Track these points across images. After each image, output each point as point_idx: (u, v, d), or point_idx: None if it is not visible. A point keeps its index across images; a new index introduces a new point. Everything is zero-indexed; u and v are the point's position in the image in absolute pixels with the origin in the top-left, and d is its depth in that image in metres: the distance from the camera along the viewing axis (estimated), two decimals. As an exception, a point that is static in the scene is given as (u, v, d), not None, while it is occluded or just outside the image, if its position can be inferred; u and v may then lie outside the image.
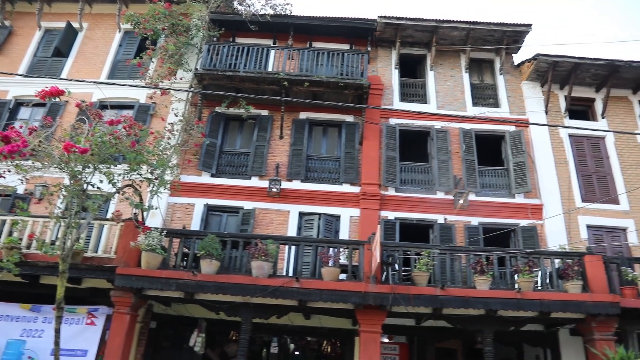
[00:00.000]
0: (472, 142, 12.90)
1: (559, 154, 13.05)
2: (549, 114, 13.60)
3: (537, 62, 13.36)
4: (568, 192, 12.50)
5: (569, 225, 12.07)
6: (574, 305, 8.98)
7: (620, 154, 13.32)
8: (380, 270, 9.09)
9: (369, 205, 11.82)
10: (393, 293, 8.69)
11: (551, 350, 11.05)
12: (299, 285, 8.77)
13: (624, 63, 13.08)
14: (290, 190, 12.03)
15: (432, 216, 11.95)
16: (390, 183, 12.22)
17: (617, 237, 12.28)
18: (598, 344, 9.03)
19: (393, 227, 11.69)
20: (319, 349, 13.85)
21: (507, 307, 8.87)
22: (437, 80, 13.91)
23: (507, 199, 12.38)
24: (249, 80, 12.38)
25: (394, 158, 12.51)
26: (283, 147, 12.73)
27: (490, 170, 12.88)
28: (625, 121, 13.88)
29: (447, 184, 12.29)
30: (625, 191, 12.72)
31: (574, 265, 9.31)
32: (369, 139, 12.62)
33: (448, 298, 8.81)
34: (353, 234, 11.61)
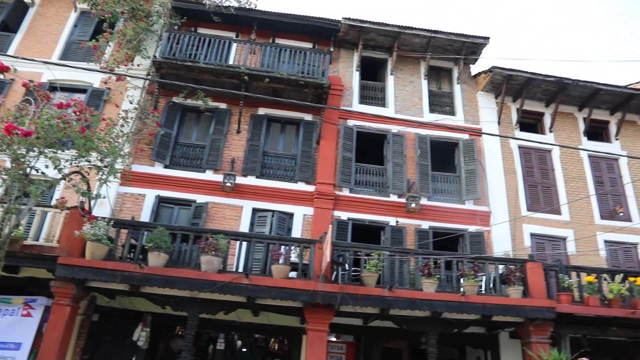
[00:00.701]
0: (427, 147, 13.18)
1: (509, 164, 13.54)
2: (501, 124, 14.09)
3: (492, 74, 13.80)
4: (515, 201, 12.99)
5: (514, 232, 12.54)
6: (514, 309, 9.36)
7: (564, 167, 13.95)
8: (330, 269, 9.16)
9: (323, 205, 11.87)
10: (342, 292, 8.78)
11: (491, 352, 11.46)
12: (248, 281, 8.71)
13: (571, 81, 13.70)
14: (245, 185, 11.92)
15: (385, 218, 12.14)
16: (345, 184, 12.31)
17: (557, 245, 12.86)
18: (534, 346, 9.45)
19: (345, 228, 11.79)
20: (266, 346, 13.83)
21: (451, 309, 9.15)
22: (396, 85, 14.13)
23: (457, 204, 12.72)
24: (208, 72, 12.17)
25: (350, 159, 12.62)
26: (240, 142, 12.59)
27: (443, 176, 13.20)
28: (571, 136, 14.55)
29: (400, 187, 12.50)
30: (567, 202, 13.34)
31: (516, 271, 9.70)
32: (327, 139, 12.67)
33: (395, 299, 8.98)
34: (306, 232, 11.63)
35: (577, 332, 10.33)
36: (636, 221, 13.71)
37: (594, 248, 12.96)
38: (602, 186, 14.08)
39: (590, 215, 13.43)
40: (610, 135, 15.02)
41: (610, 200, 13.95)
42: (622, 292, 10.02)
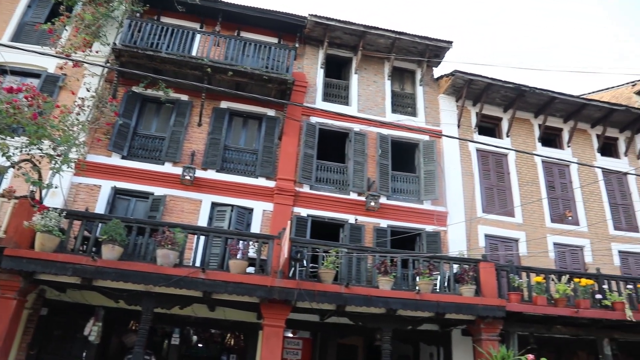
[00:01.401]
0: (388, 147, 13.35)
1: (467, 166, 13.89)
2: (461, 127, 14.43)
3: (454, 78, 14.10)
4: (471, 202, 13.34)
5: (469, 233, 12.88)
6: (467, 307, 9.62)
7: (519, 171, 14.43)
8: (288, 265, 9.17)
9: (283, 201, 11.85)
10: (299, 289, 8.80)
11: (444, 348, 11.75)
12: (204, 276, 8.61)
13: (529, 88, 14.16)
14: (205, 179, 11.76)
15: (344, 216, 12.23)
16: (306, 180, 12.33)
17: (510, 246, 13.30)
18: (484, 343, 9.74)
19: (305, 224, 11.82)
20: (222, 341, 13.70)
21: (406, 307, 9.31)
22: (360, 84, 14.24)
23: (415, 204, 12.96)
24: (170, 63, 11.91)
25: (312, 156, 12.64)
26: (200, 135, 12.41)
27: (403, 176, 13.41)
28: (526, 141, 15.06)
29: (360, 185, 12.62)
30: (520, 206, 13.80)
31: (470, 270, 9.98)
32: (289, 135, 12.65)
33: (352, 296, 9.08)
34: (265, 228, 11.58)
35: (524, 330, 10.73)
36: (583, 225, 14.34)
37: (544, 250, 13.47)
38: (553, 191, 14.65)
39: (542, 219, 13.95)
40: (563, 142, 15.62)
41: (560, 205, 14.53)
42: (567, 292, 10.46)
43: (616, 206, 15.22)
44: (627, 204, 15.44)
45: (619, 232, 14.77)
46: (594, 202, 14.88)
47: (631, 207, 15.44)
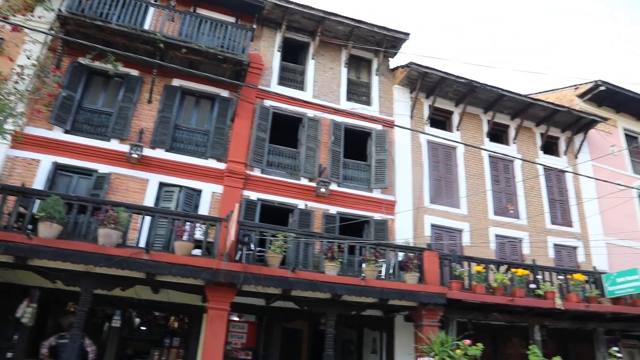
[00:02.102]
0: (341, 134, 13.42)
1: (417, 157, 14.17)
2: (413, 119, 14.68)
3: (409, 70, 14.29)
4: (420, 193, 13.65)
5: (416, 222, 13.20)
6: (410, 294, 9.88)
7: (466, 165, 14.87)
8: (235, 248, 9.09)
9: (233, 184, 11.70)
10: (245, 272, 8.76)
11: (387, 334, 12.06)
12: (148, 257, 8.39)
13: (480, 84, 14.56)
14: (153, 158, 11.42)
15: (294, 201, 12.23)
16: (257, 164, 12.21)
17: (454, 237, 13.74)
18: (425, 329, 10.07)
19: (254, 208, 11.74)
20: (165, 324, 13.49)
21: (351, 292, 9.45)
22: (316, 70, 14.18)
23: (365, 192, 13.12)
24: (121, 35, 11.39)
25: (264, 139, 12.52)
26: (150, 113, 12.01)
27: (354, 164, 13.53)
28: (475, 136, 15.52)
29: (312, 171, 12.64)
30: (466, 196, 14.25)
31: (414, 258, 10.25)
32: (242, 117, 12.46)
33: (298, 281, 9.12)
34: (214, 210, 11.41)
35: (463, 317, 11.16)
36: (523, 218, 15.00)
37: (486, 241, 14.01)
38: (498, 185, 15.21)
39: (485, 211, 14.48)
40: (509, 139, 16.22)
41: (503, 198, 15.12)
42: (504, 281, 10.95)
43: (554, 202, 16.01)
44: (564, 200, 16.27)
45: (554, 226, 15.56)
46: (534, 197, 15.58)
47: (567, 203, 16.28)
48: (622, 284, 12.04)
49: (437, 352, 9.32)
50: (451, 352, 9.33)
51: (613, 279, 12.30)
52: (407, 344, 11.21)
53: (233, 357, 11.82)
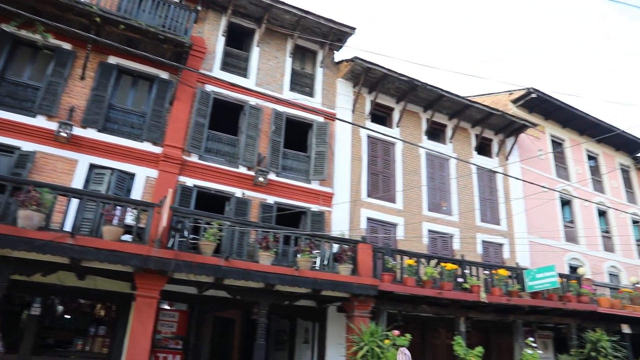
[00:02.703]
0: (282, 124, 13.35)
1: (356, 151, 14.37)
2: (355, 113, 14.85)
3: (353, 64, 14.41)
4: (357, 186, 13.86)
5: (352, 215, 13.39)
6: (343, 285, 10.02)
7: (404, 161, 15.25)
8: (167, 235, 8.84)
9: (169, 169, 11.35)
10: (176, 259, 8.53)
11: (319, 324, 12.19)
12: (73, 241, 7.96)
13: (421, 83, 14.93)
14: (84, 138, 10.85)
15: (231, 189, 12.05)
16: (195, 149, 11.91)
17: (389, 230, 14.07)
18: (357, 320, 10.26)
19: (190, 194, 11.46)
20: (91, 312, 12.92)
21: (284, 282, 9.44)
22: (261, 58, 14.00)
23: (304, 183, 13.15)
24: (52, 4, 10.60)
25: (203, 125, 12.22)
26: (83, 90, 11.38)
27: (294, 155, 13.52)
28: (414, 133, 15.93)
29: (251, 160, 12.50)
30: (402, 193, 14.61)
31: (349, 250, 10.39)
32: (181, 101, 12.09)
33: (231, 269, 9.00)
34: (147, 195, 11.03)
35: (394, 308, 11.47)
36: (455, 215, 15.59)
37: (419, 235, 14.45)
38: (433, 182, 15.71)
39: (420, 207, 14.93)
40: (446, 138, 16.78)
41: (437, 195, 15.64)
42: (434, 275, 11.35)
43: (484, 200, 16.75)
44: (493, 200, 17.08)
45: (484, 223, 16.31)
46: (466, 195, 16.24)
47: (496, 202, 17.10)
48: (541, 280, 12.82)
49: (367, 342, 9.52)
50: (380, 342, 9.56)
51: (533, 274, 13.06)
52: (338, 334, 11.39)
53: (162, 347, 11.52)
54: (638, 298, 16.09)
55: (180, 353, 11.64)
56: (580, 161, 21.13)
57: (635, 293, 16.22)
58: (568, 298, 13.66)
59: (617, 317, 15.03)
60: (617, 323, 15.22)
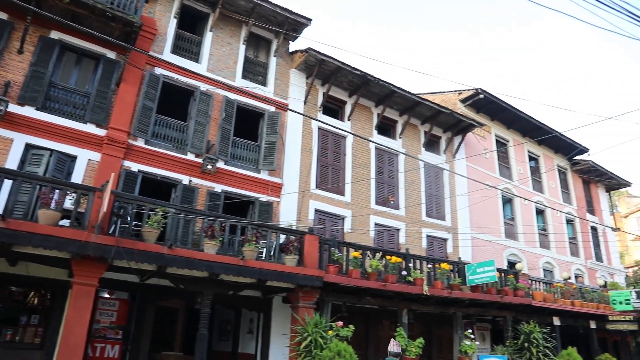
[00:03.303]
0: (233, 112, 13.13)
1: (307, 143, 14.36)
2: (307, 104, 14.83)
3: (307, 55, 14.36)
4: (306, 178, 13.87)
5: (301, 206, 13.40)
6: (288, 276, 10.01)
7: (354, 154, 15.40)
8: (108, 221, 8.53)
9: (113, 152, 10.92)
10: (117, 246, 8.24)
11: (264, 314, 12.17)
12: (4, 225, 7.52)
13: (374, 78, 15.08)
14: (20, 116, 10.23)
15: (178, 176, 11.76)
16: (141, 134, 11.52)
17: (336, 223, 14.18)
18: (301, 310, 10.29)
19: (135, 180, 11.09)
20: (24, 300, 12.32)
21: (229, 272, 9.31)
22: (213, 43, 13.68)
23: (253, 173, 13.02)
24: (-13, -29, 10.01)
25: (151, 109, 11.83)
26: (21, 65, 10.72)
27: (244, 143, 13.35)
28: (365, 127, 16.10)
29: (199, 147, 12.23)
30: (351, 186, 14.76)
31: (295, 241, 10.39)
32: (128, 83, 11.64)
33: (174, 258, 8.78)
34: (89, 179, 10.58)
35: (339, 300, 11.59)
36: (402, 210, 15.92)
37: (366, 228, 14.66)
38: (381, 176, 15.96)
39: (368, 200, 15.13)
40: (396, 133, 17.07)
41: (385, 189, 15.90)
42: (379, 267, 11.55)
43: (430, 196, 17.20)
44: (439, 196, 17.56)
45: (429, 218, 16.75)
46: (413, 190, 16.60)
47: (442, 198, 17.59)
48: (481, 274, 13.31)
49: (311, 333, 9.59)
50: (323, 333, 9.66)
51: (474, 269, 13.54)
52: (283, 325, 11.40)
53: (101, 336, 11.16)
54: (568, 292, 17.06)
55: (120, 343, 11.33)
56: (522, 161, 22.08)
57: (566, 288, 17.19)
58: (505, 292, 14.27)
59: (549, 310, 15.88)
60: (549, 316, 16.09)
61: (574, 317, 17.27)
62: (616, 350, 20.08)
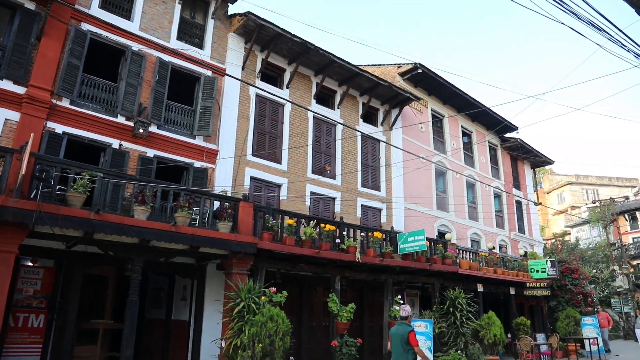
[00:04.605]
0: (167, 74, 12.61)
1: (244, 109, 14.13)
2: (245, 70, 14.52)
3: (246, 19, 13.97)
4: (242, 145, 13.69)
5: (236, 173, 13.26)
6: (222, 242, 9.93)
7: (292, 123, 15.35)
8: (28, 184, 8.05)
9: (34, 112, 10.21)
10: (38, 210, 7.83)
11: (198, 281, 12.10)
12: None
13: (313, 47, 14.96)
14: None
15: (108, 139, 11.23)
16: (66, 93, 10.84)
17: (272, 190, 14.19)
18: (235, 277, 10.29)
19: (59, 142, 10.49)
20: None
21: (160, 238, 9.08)
22: (147, 1, 12.94)
23: (187, 138, 12.68)
24: None
25: (77, 67, 11.12)
26: None
27: (178, 108, 12.92)
28: (304, 96, 16.04)
29: (130, 109, 11.71)
30: (287, 155, 14.76)
31: (229, 208, 10.31)
32: (51, 38, 10.83)
33: (102, 223, 8.46)
34: (7, 140, 9.88)
35: (273, 267, 11.69)
36: (338, 179, 16.15)
37: (302, 197, 14.77)
38: (319, 145, 16.05)
39: (304, 169, 15.21)
40: (335, 104, 17.14)
41: (322, 159, 16.03)
42: (313, 235, 11.71)
43: (367, 167, 17.54)
44: (375, 167, 17.94)
45: (364, 189, 17.12)
46: (350, 160, 16.85)
47: (378, 169, 18.00)
48: (411, 243, 13.84)
49: (244, 299, 9.63)
50: (256, 299, 9.73)
51: (405, 237, 14.05)
52: (217, 292, 11.39)
53: (24, 306, 10.69)
54: (492, 261, 18.15)
55: (45, 312, 10.92)
56: (456, 136, 22.92)
57: (490, 257, 18.27)
58: (434, 260, 14.96)
59: (473, 278, 16.84)
60: (474, 283, 17.09)
61: (496, 284, 18.45)
62: (531, 314, 21.77)
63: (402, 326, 8.42)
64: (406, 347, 8.11)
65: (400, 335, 8.21)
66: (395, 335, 8.39)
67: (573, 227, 51.10)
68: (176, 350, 12.45)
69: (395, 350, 8.35)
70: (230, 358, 9.41)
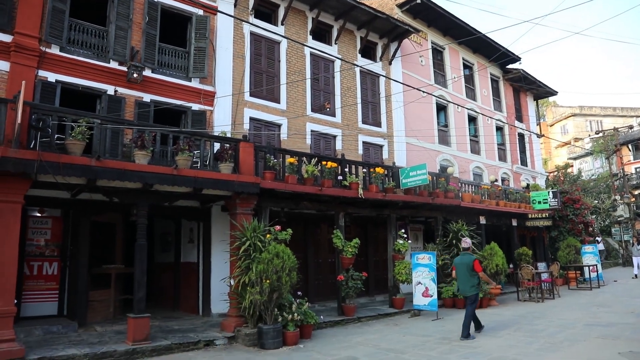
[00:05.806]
0: (157, 15, 12.16)
1: (239, 48, 13.77)
2: (238, 7, 14.01)
3: (236, -48, 13.34)
4: (240, 85, 13.46)
5: (235, 114, 13.13)
6: (224, 183, 9.97)
7: (288, 61, 15.00)
8: (26, 134, 8.01)
9: (24, 61, 9.95)
10: (40, 160, 7.83)
11: (204, 223, 12.33)
12: None
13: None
14: None
15: (102, 86, 11.04)
16: (55, 40, 10.53)
17: (272, 130, 14.10)
18: (239, 217, 10.42)
19: (53, 91, 10.33)
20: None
21: (163, 181, 9.11)
22: (129, -63, 12.33)
23: (183, 81, 12.45)
24: None
25: (63, 12, 10.71)
26: None
27: (172, 50, 12.59)
28: (299, 32, 15.57)
29: (123, 54, 11.43)
30: (285, 93, 14.54)
31: (230, 149, 10.28)
32: (32, -19, 10.44)
33: (103, 169, 8.48)
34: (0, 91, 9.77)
35: (276, 206, 11.85)
36: (338, 117, 16.00)
37: (302, 135, 14.70)
38: (317, 83, 15.78)
39: (304, 107, 15.04)
40: (332, 39, 16.66)
41: (321, 96, 15.81)
42: (315, 172, 11.75)
43: (366, 103, 17.32)
44: (375, 102, 17.72)
45: (365, 125, 17.00)
46: (349, 97, 16.62)
47: (378, 105, 17.79)
48: (414, 177, 13.87)
49: (249, 237, 9.81)
50: (262, 237, 9.91)
51: (407, 172, 14.07)
52: (223, 232, 11.60)
53: (37, 254, 10.97)
54: (494, 194, 18.31)
55: (58, 260, 11.21)
56: (457, 69, 22.44)
57: (492, 189, 18.40)
58: (437, 194, 15.08)
59: (476, 210, 17.05)
60: (476, 215, 17.32)
61: (498, 216, 18.70)
62: (533, 245, 22.20)
63: (465, 256, 9.77)
64: (472, 272, 9.45)
65: (466, 264, 9.55)
66: (460, 264, 9.72)
67: (576, 159, 51.11)
68: (187, 290, 12.88)
69: (460, 276, 9.70)
70: (239, 295, 9.73)
